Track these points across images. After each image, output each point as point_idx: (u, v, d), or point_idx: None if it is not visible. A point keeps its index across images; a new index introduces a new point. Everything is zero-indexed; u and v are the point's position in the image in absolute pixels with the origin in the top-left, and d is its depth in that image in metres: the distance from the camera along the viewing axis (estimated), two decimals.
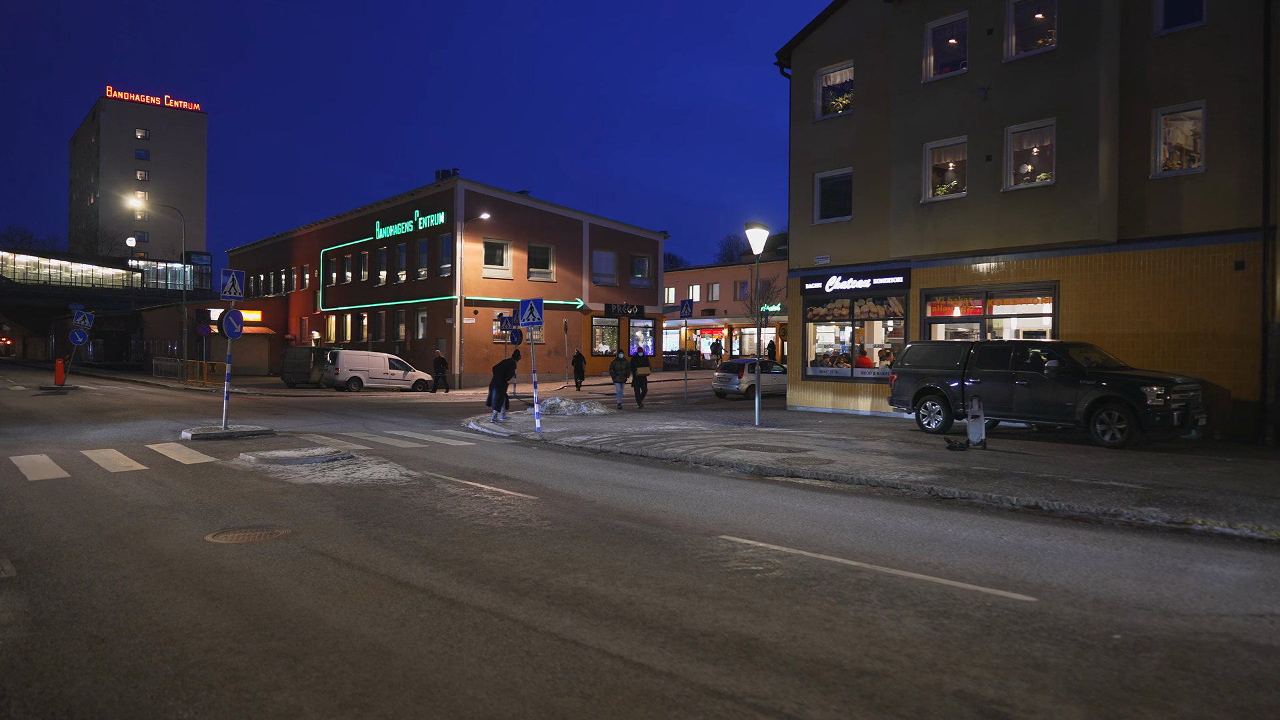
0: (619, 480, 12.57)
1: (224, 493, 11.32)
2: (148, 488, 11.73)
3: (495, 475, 12.94)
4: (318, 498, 10.96)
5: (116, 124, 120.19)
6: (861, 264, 23.70)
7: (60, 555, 8.07)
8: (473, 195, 42.09)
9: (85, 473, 13.00)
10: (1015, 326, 21.09)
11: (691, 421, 21.45)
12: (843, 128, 24.40)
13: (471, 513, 9.96)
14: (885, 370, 23.39)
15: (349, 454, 14.55)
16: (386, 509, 10.21)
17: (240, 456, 14.46)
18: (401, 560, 7.79)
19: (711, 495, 11.28)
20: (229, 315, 17.59)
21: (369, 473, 12.91)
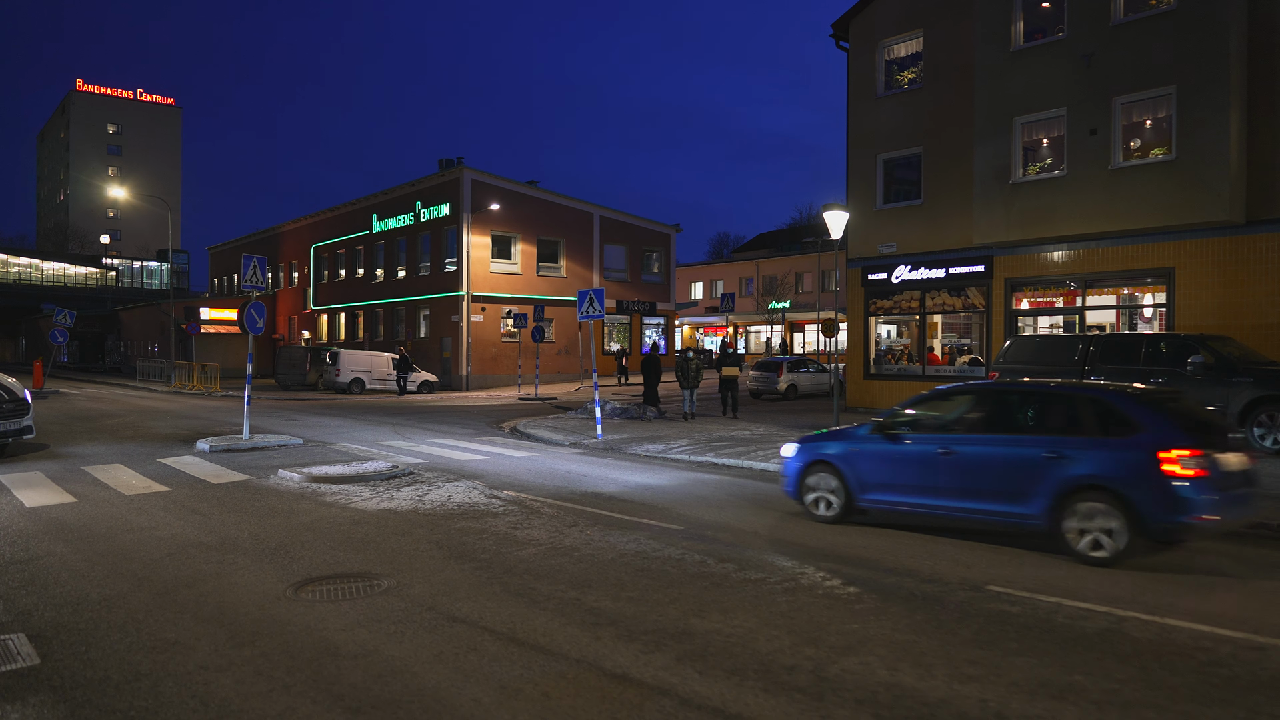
0: (765, 504, 10.43)
1: (280, 524, 9.05)
2: (180, 517, 9.42)
3: (598, 495, 10.74)
4: (403, 530, 8.72)
5: (87, 118, 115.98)
6: (934, 252, 21.68)
7: (96, 626, 5.81)
8: (480, 185, 39.72)
9: (95, 496, 10.66)
10: (1111, 320, 19.19)
11: (762, 426, 19.34)
12: (910, 104, 22.39)
13: (617, 552, 7.77)
14: (966, 368, 21.41)
15: (408, 470, 12.29)
16: (501, 547, 7.99)
17: (279, 474, 12.14)
18: (582, 631, 5.60)
19: (861, 519, 9.18)
20: (250, 308, 15.23)
21: (446, 495, 10.67)
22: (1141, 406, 7.56)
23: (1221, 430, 7.77)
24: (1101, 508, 7.25)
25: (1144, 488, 7.09)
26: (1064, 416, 8.00)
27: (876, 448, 9.00)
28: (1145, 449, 7.17)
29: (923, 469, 8.48)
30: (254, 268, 15.37)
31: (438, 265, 41.09)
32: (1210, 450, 7.18)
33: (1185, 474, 6.96)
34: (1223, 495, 7.13)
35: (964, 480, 8.13)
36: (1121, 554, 7.18)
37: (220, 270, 67.71)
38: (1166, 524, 7.04)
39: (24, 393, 14.29)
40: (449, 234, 40.42)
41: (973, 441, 8.28)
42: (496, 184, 40.34)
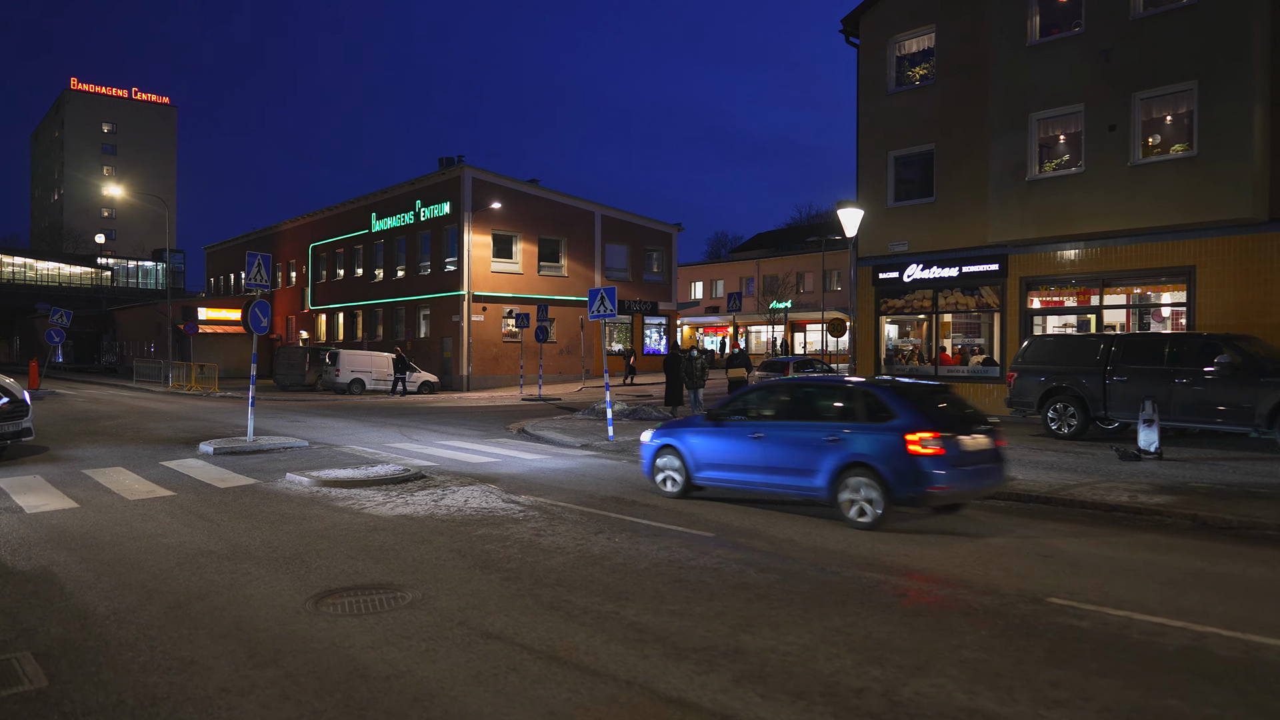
0: (793, 510, 10.09)
1: (292, 531, 8.68)
2: (188, 523, 9.05)
3: (620, 501, 10.38)
4: (422, 537, 8.35)
5: (81, 117, 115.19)
6: (947, 250, 21.36)
7: (107, 643, 5.45)
8: (481, 184, 39.34)
9: (98, 501, 10.28)
10: (1124, 319, 18.87)
11: None
12: (922, 100, 22.06)
13: (649, 560, 7.41)
14: (979, 369, 21.10)
15: (419, 473, 11.92)
16: (527, 555, 7.63)
17: (288, 478, 11.77)
18: (627, 649, 5.24)
19: (910, 527, 8.84)
20: (255, 306, 14.85)
21: (463, 500, 10.30)
22: (899, 398, 9.08)
23: (972, 420, 9.32)
24: (865, 481, 8.78)
25: (894, 464, 8.57)
26: (843, 407, 9.61)
27: (708, 433, 10.45)
28: (898, 433, 8.65)
29: (740, 450, 10.00)
30: (258, 265, 14.98)
31: (438, 265, 40.70)
32: (952, 434, 8.73)
33: (926, 452, 8.47)
34: (958, 470, 8.70)
35: (769, 459, 9.68)
36: (880, 519, 8.67)
37: (217, 270, 67.21)
38: (912, 493, 8.55)
39: (23, 394, 13.92)
40: (449, 233, 40.03)
41: (776, 427, 9.87)
42: (497, 182, 39.97)
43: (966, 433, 8.98)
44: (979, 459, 9.03)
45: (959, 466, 8.71)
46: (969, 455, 8.88)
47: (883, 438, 8.75)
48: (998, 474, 9.36)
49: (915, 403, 9.03)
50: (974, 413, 9.70)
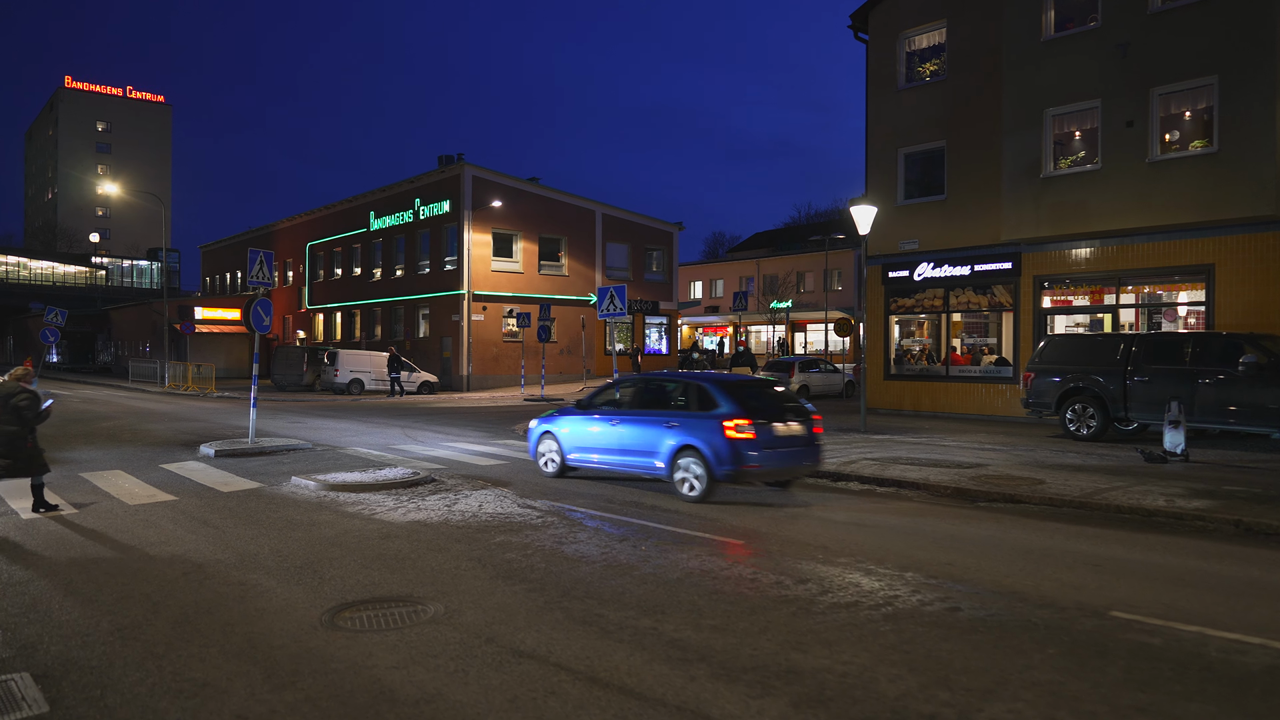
0: (808, 511, 9.74)
1: (301, 538, 8.31)
2: (192, 530, 8.67)
3: (639, 506, 10.03)
4: (438, 545, 7.99)
5: (76, 115, 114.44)
6: (958, 248, 21.05)
7: (111, 663, 5.08)
8: (481, 182, 38.94)
9: (98, 506, 9.90)
10: (1135, 318, 18.57)
11: None
12: (933, 96, 21.75)
13: (680, 570, 7.06)
14: (991, 368, 20.79)
15: (429, 476, 11.55)
16: (551, 565, 7.27)
17: (293, 481, 11.39)
18: (671, 669, 4.89)
19: (937, 530, 8.50)
20: (257, 305, 14.47)
21: (476, 505, 9.94)
22: (722, 392, 10.59)
23: (788, 410, 10.78)
24: (694, 460, 10.33)
25: (715, 446, 10.08)
26: (682, 399, 11.10)
27: (578, 421, 12.03)
28: (719, 420, 10.14)
29: (602, 436, 11.58)
30: (260, 262, 14.59)
31: (437, 263, 40.30)
32: (765, 421, 10.23)
33: (740, 436, 9.97)
34: (770, 452, 10.22)
35: (624, 443, 11.26)
36: (705, 492, 10.25)
37: (213, 269, 66.69)
38: (730, 470, 10.04)
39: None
40: (449, 231, 39.63)
41: (630, 416, 11.38)
42: (498, 180, 39.57)
43: (780, 420, 10.48)
44: (791, 443, 10.57)
45: (770, 449, 10.24)
46: (781, 439, 10.42)
47: (707, 424, 10.28)
48: (811, 455, 10.89)
49: (735, 395, 10.51)
50: (794, 405, 11.13)
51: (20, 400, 9.37)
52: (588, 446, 11.75)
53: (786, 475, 11.00)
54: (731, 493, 10.78)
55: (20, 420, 9.33)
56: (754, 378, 12.23)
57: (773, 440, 10.28)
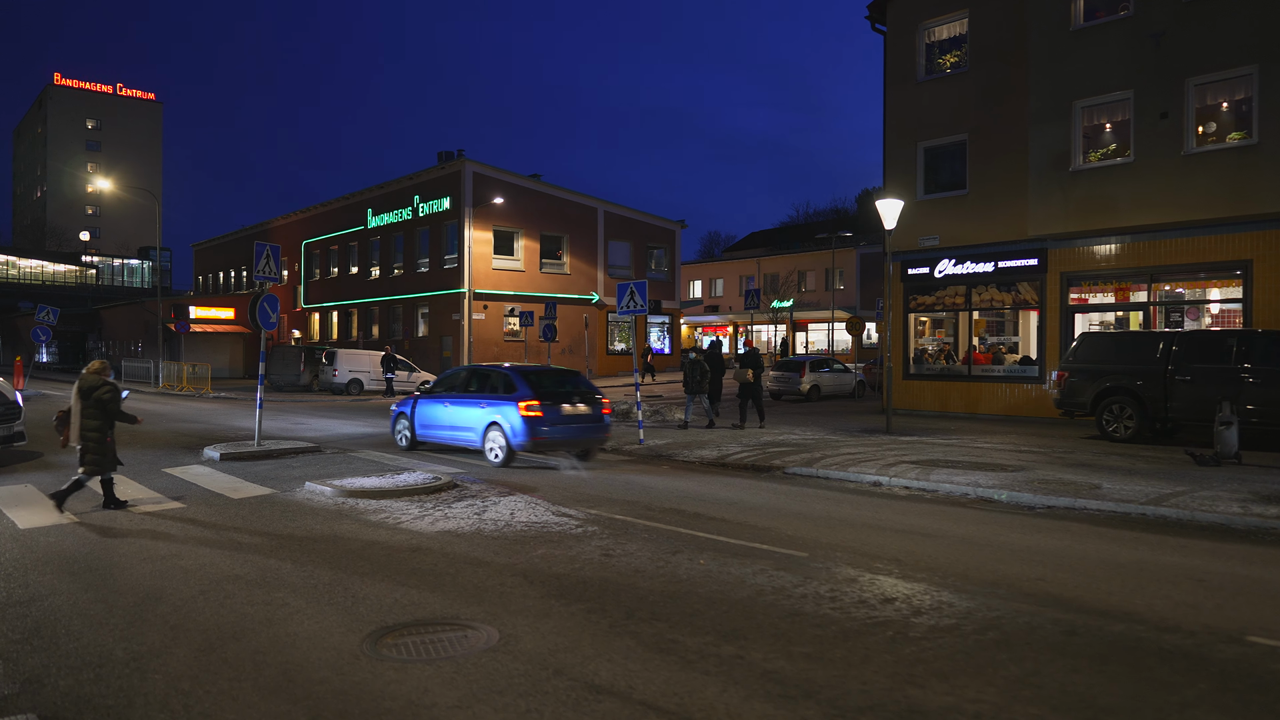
0: (859, 517, 9.15)
1: (325, 550, 7.66)
2: (205, 542, 8.02)
3: (682, 513, 9.40)
4: (475, 558, 7.35)
5: (65, 113, 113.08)
6: (981, 244, 20.50)
7: (130, 701, 4.45)
8: (481, 178, 38.27)
9: (98, 515, 9.22)
10: (1153, 316, 18.05)
11: (805, 430, 18.07)
12: (954, 89, 21.20)
13: (750, 588, 6.44)
14: (1015, 367, 20.24)
15: (451, 481, 10.90)
16: (606, 580, 6.65)
17: (307, 487, 10.73)
18: (776, 709, 4.28)
19: (1009, 541, 7.91)
20: (263, 301, 13.78)
21: (508, 512, 9.30)
22: (520, 379, 13.20)
23: (575, 394, 13.37)
24: (498, 434, 12.98)
25: (513, 422, 12.65)
26: (494, 384, 13.65)
27: (423, 404, 14.89)
28: (515, 401, 12.72)
29: (439, 414, 14.44)
30: (266, 256, 13.90)
31: (437, 261, 39.61)
32: (553, 403, 12.86)
33: (531, 415, 12.55)
34: (556, 427, 12.83)
35: (454, 420, 14.06)
36: (506, 459, 12.94)
37: (206, 268, 65.81)
38: (522, 441, 12.63)
39: (14, 395, 12.84)
40: (449, 229, 38.96)
41: (460, 399, 14.07)
42: (499, 177, 38.93)
43: (568, 402, 13.09)
44: (578, 420, 13.19)
45: (558, 424, 12.84)
46: (567, 417, 12.99)
47: (508, 405, 12.79)
48: (600, 430, 13.62)
49: (530, 382, 13.06)
50: (583, 390, 13.70)
51: (104, 394, 9.19)
52: (430, 424, 14.63)
53: (577, 446, 13.67)
54: (786, 497, 10.18)
55: (104, 414, 9.17)
56: (554, 369, 14.64)
57: (560, 418, 12.88)
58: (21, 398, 13.42)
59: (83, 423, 9.11)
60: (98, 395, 9.15)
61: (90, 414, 9.11)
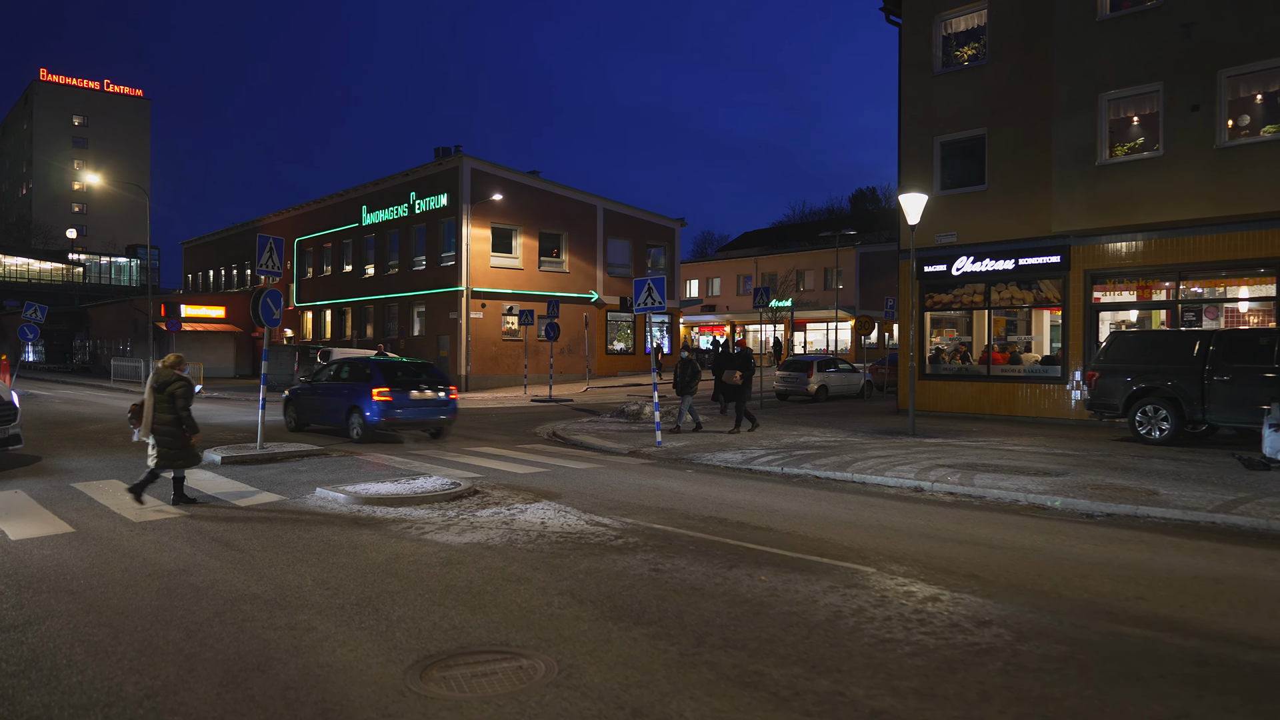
0: (914, 526, 8.57)
1: (347, 564, 7.04)
2: (214, 554, 7.38)
3: (724, 522, 8.80)
4: (513, 573, 6.74)
5: (51, 109, 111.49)
6: (1001, 241, 19.99)
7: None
8: (480, 175, 37.57)
9: (98, 525, 8.57)
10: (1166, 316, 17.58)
11: (825, 431, 17.51)
12: (973, 81, 20.68)
13: (827, 610, 5.84)
14: (1036, 367, 19.73)
15: (470, 487, 10.27)
16: (663, 600, 6.05)
17: (318, 493, 10.09)
18: None
19: (1087, 553, 7.34)
20: (266, 296, 13.12)
21: (538, 521, 8.69)
22: (377, 369, 15.94)
23: (424, 382, 16.03)
24: (357, 416, 15.62)
25: (368, 405, 15.39)
26: (356, 374, 16.42)
27: (304, 392, 17.88)
28: (371, 387, 15.43)
29: (315, 400, 17.31)
30: (270, 250, 13.24)
31: (434, 259, 38.90)
32: (402, 390, 15.58)
33: (383, 399, 15.30)
34: (406, 409, 15.60)
35: (327, 405, 16.84)
36: (364, 436, 15.65)
37: (196, 266, 64.87)
38: (376, 421, 15.35)
39: (10, 395, 12.12)
40: (446, 226, 38.25)
41: (331, 386, 16.86)
42: (497, 174, 38.23)
43: (416, 389, 15.76)
44: (427, 403, 15.95)
45: (408, 407, 15.62)
46: (415, 401, 15.73)
47: (365, 391, 15.51)
48: (447, 410, 16.34)
49: (385, 372, 15.82)
50: (431, 378, 16.31)
51: (177, 388, 9.27)
52: (310, 410, 17.48)
53: (428, 426, 16.50)
54: (828, 504, 9.59)
55: (174, 409, 9.20)
56: (408, 361, 17.06)
57: (409, 402, 15.62)
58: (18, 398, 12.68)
59: (155, 416, 9.13)
60: (171, 389, 9.19)
61: (163, 408, 9.17)
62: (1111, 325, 18.58)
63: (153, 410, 9.16)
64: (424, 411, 15.83)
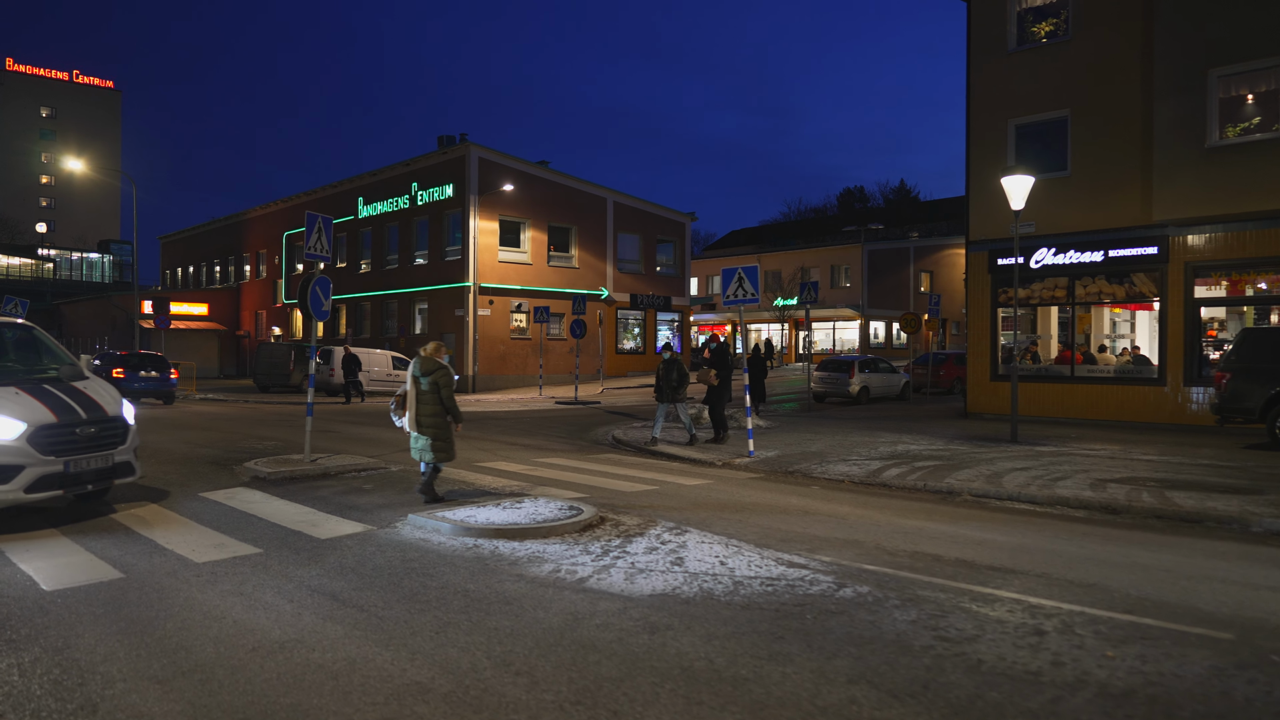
0: (1194, 569, 6.92)
1: (516, 630, 5.25)
2: (327, 615, 5.55)
3: (936, 558, 7.09)
4: (759, 648, 4.97)
5: (18, 100, 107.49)
6: (1087, 231, 18.49)
7: None
8: (488, 164, 35.65)
9: (153, 567, 6.70)
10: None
11: (918, 439, 15.90)
12: (1053, 60, 19.18)
13: (1195, 684, 4.16)
14: (1128, 367, 18.27)
15: (596, 513, 8.47)
16: (984, 684, 4.33)
17: (412, 520, 8.23)
18: None
19: None
20: (315, 284, 11.27)
21: (711, 558, 6.92)
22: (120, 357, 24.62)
23: (149, 367, 25.21)
24: None
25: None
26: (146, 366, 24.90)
27: None
28: (110, 369, 23.26)
29: None
30: (318, 230, 11.40)
31: (437, 254, 36.92)
32: (134, 370, 25.05)
33: (119, 375, 23.57)
34: (135, 384, 24.40)
35: None
36: None
37: (175, 262, 62.22)
38: None
39: (119, 406, 8.67)
40: (451, 219, 36.30)
41: None
42: (506, 163, 36.35)
43: (143, 370, 23.67)
44: (151, 380, 24.76)
45: (140, 382, 24.08)
46: (144, 379, 24.02)
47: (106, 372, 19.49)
48: (166, 385, 24.59)
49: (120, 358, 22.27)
50: (157, 363, 24.65)
51: (440, 377, 8.95)
52: None
53: (153, 395, 23.85)
54: (1036, 533, 7.91)
55: (439, 400, 8.89)
56: (139, 354, 22.51)
57: (140, 379, 22.98)
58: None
59: (419, 407, 8.86)
60: (433, 379, 8.89)
61: (427, 398, 8.87)
62: (1215, 323, 17.16)
63: (416, 400, 8.87)
64: (152, 386, 24.91)
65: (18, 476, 7.54)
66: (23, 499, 7.63)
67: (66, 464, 7.84)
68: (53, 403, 8.01)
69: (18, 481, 7.54)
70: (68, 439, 7.90)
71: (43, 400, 7.98)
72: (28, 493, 7.60)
